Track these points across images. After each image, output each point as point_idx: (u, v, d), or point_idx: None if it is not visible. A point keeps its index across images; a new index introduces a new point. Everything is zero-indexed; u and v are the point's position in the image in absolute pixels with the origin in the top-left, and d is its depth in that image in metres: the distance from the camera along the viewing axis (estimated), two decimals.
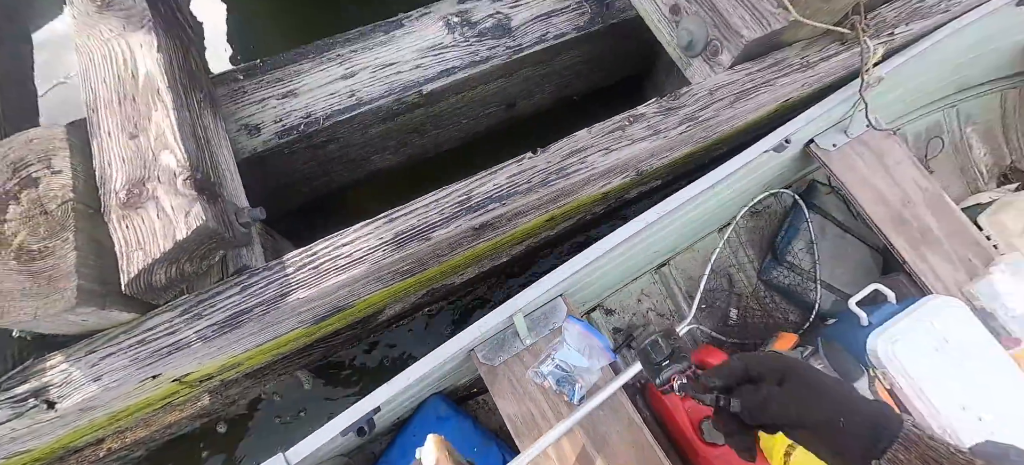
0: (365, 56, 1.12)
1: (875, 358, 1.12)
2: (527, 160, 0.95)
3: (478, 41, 1.16)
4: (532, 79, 1.28)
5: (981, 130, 1.70)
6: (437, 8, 1.18)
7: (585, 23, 1.20)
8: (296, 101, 1.08)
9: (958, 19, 1.19)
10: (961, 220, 1.28)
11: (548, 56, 1.21)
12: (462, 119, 1.31)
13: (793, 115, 1.09)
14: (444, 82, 1.13)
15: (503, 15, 1.19)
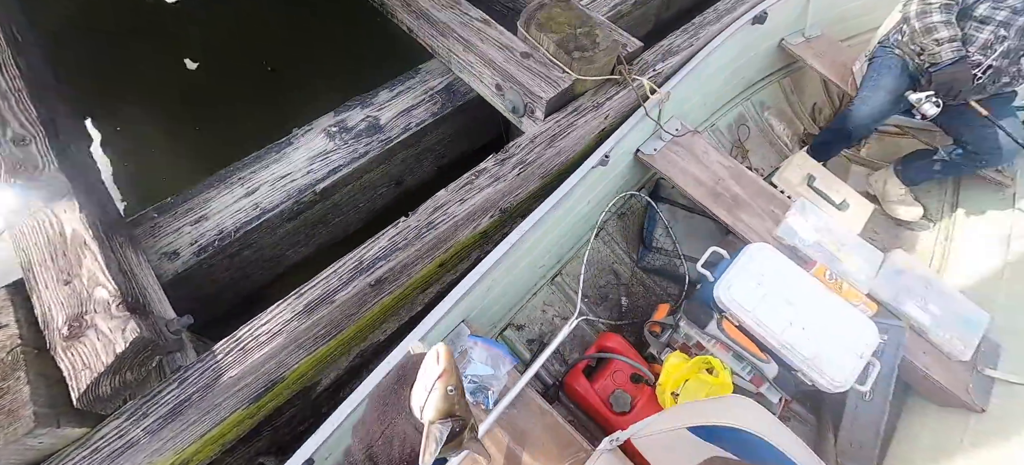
0: (263, 173, 1.37)
1: (720, 303, 1.41)
2: (402, 222, 1.21)
3: (355, 141, 1.44)
4: (409, 159, 1.58)
5: (775, 111, 2.19)
6: (318, 123, 1.47)
7: (439, 109, 1.53)
8: (208, 223, 1.29)
9: (707, 45, 1.64)
10: (759, 183, 1.66)
11: (415, 140, 1.52)
12: (359, 203, 1.56)
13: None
14: (334, 178, 1.39)
15: (373, 117, 1.49)
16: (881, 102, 1.67)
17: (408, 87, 1.56)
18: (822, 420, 1.56)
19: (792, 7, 1.90)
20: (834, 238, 1.53)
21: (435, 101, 1.54)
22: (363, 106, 1.51)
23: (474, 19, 1.45)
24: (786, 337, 1.31)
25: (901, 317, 1.44)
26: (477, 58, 1.42)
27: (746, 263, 1.40)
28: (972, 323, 1.42)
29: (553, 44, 1.33)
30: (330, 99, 1.55)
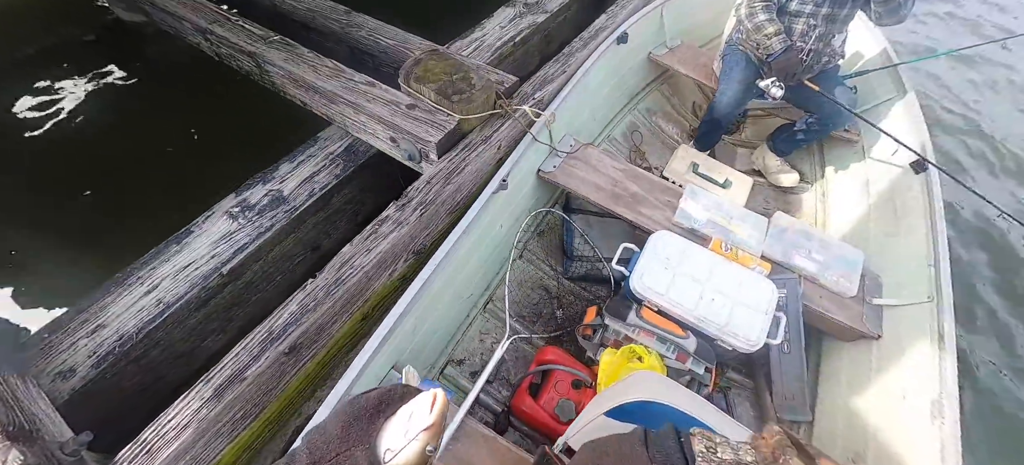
0: (164, 268, 1.34)
1: (636, 293, 1.49)
2: (310, 284, 1.22)
3: (259, 217, 1.46)
4: (320, 223, 1.60)
5: (661, 115, 2.43)
6: (219, 206, 1.48)
7: (342, 171, 1.58)
8: (106, 331, 1.24)
9: (580, 69, 1.82)
10: (653, 179, 1.81)
11: (323, 204, 1.55)
12: (275, 276, 1.55)
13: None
14: (241, 257, 1.39)
15: (275, 190, 1.52)
16: (736, 92, 1.91)
17: (309, 155, 1.61)
18: (758, 382, 1.64)
19: (649, 24, 2.16)
20: (724, 213, 1.69)
21: (337, 164, 1.60)
22: (265, 181, 1.54)
23: (359, 83, 1.55)
24: (699, 311, 1.41)
25: (793, 270, 1.58)
26: (368, 117, 1.50)
27: (652, 252, 1.51)
28: (851, 262, 1.59)
29: (433, 92, 1.44)
30: (233, 183, 1.57)
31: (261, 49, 1.70)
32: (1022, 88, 3.80)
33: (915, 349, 1.36)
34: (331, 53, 1.74)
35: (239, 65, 1.79)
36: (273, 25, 1.90)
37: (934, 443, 1.16)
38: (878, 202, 1.81)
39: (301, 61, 1.64)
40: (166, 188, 2.19)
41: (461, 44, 2.04)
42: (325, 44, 2.02)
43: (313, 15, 2.01)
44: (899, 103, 1.95)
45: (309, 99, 1.68)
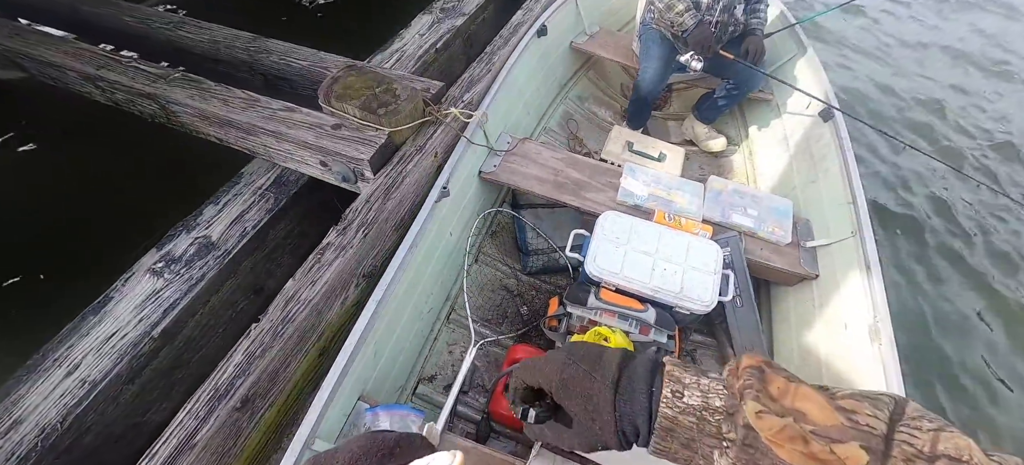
0: (83, 343, 1.21)
1: (592, 276, 1.51)
2: (254, 329, 1.14)
3: (188, 268, 1.34)
4: (259, 263, 1.51)
5: (592, 100, 2.49)
6: (139, 265, 1.35)
7: (274, 204, 1.49)
8: (25, 425, 1.09)
9: (505, 66, 1.83)
10: (592, 163, 1.85)
11: (258, 242, 1.46)
12: (217, 328, 1.44)
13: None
14: (173, 315, 1.27)
15: (202, 237, 1.41)
16: (658, 69, 1.99)
17: (234, 194, 1.50)
18: (719, 339, 1.72)
19: (566, 15, 2.21)
20: (662, 186, 1.75)
21: (267, 198, 1.50)
22: (189, 230, 1.42)
23: (277, 110, 1.47)
24: (654, 282, 1.45)
25: (732, 228, 1.67)
26: (293, 144, 1.42)
27: (602, 233, 1.53)
28: (782, 212, 1.70)
29: (357, 108, 1.39)
30: (152, 238, 1.44)
31: (162, 89, 1.57)
32: (904, 31, 4.25)
33: (848, 282, 1.47)
34: (243, 83, 1.63)
35: (141, 109, 1.65)
36: (172, 62, 1.77)
37: (876, 363, 1.26)
38: (797, 152, 1.95)
39: (210, 95, 1.53)
40: (76, 256, 1.98)
41: (382, 57, 1.99)
42: (235, 75, 1.90)
43: (216, 47, 1.89)
44: (802, 59, 2.11)
45: (225, 135, 1.57)
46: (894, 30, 4.29)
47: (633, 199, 1.72)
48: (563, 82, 2.38)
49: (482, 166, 1.72)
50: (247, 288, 1.50)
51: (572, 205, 1.73)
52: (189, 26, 1.93)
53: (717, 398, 0.41)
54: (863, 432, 0.33)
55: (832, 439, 0.33)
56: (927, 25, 4.43)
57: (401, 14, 2.25)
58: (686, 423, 0.41)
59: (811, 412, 0.35)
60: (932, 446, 0.32)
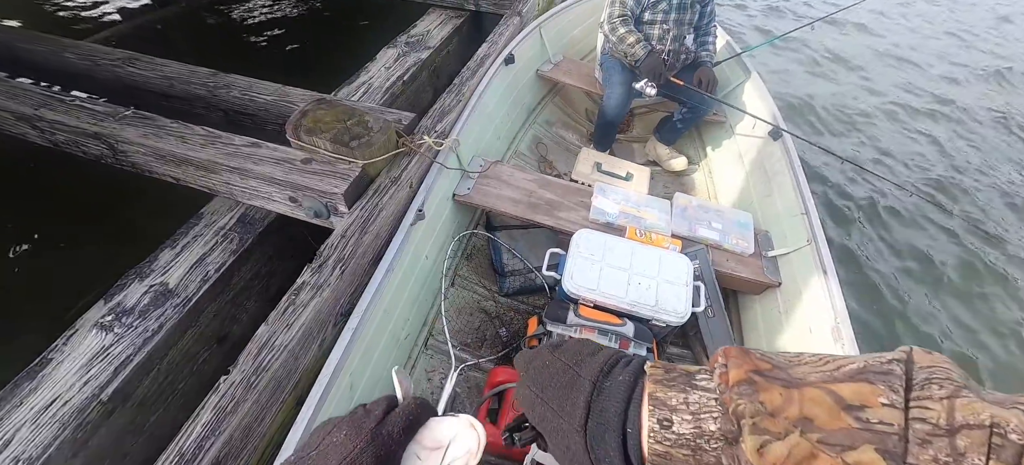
0: (17, 414, 1.07)
1: (570, 293, 1.52)
2: (223, 382, 1.05)
3: (142, 320, 1.23)
4: (224, 309, 1.41)
5: (560, 124, 2.57)
6: (84, 320, 1.22)
7: (238, 245, 1.41)
8: None
9: (475, 94, 1.86)
10: (563, 183, 1.88)
11: (222, 287, 1.37)
12: (178, 384, 1.32)
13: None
14: (125, 374, 1.16)
15: (158, 285, 1.30)
16: (620, 94, 2.09)
17: (194, 236, 1.41)
18: (694, 350, 1.76)
19: (532, 45, 2.29)
20: (632, 204, 1.81)
21: (230, 238, 1.42)
22: (142, 277, 1.31)
23: (241, 146, 1.41)
24: (630, 297, 1.48)
25: (699, 241, 1.74)
26: (259, 181, 1.36)
27: (577, 251, 1.55)
28: (744, 224, 1.80)
29: (328, 142, 1.36)
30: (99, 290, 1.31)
31: (111, 128, 1.46)
32: (834, 58, 4.70)
33: (808, 287, 1.56)
34: (201, 120, 1.56)
35: (85, 150, 1.53)
36: (121, 100, 1.66)
37: None
38: (752, 169, 2.08)
39: (165, 133, 1.45)
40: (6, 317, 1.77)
41: (348, 90, 1.97)
42: (192, 111, 1.81)
43: (170, 83, 1.80)
44: (748, 84, 2.27)
45: (182, 174, 1.48)
46: (832, 49, 4.75)
47: (605, 217, 1.76)
48: (531, 108, 2.44)
49: (456, 189, 1.72)
50: (210, 337, 1.39)
51: (546, 225, 1.75)
52: (140, 62, 1.83)
53: (710, 420, 0.35)
54: (877, 433, 0.29)
55: (843, 446, 0.29)
56: (858, 44, 4.96)
57: (358, 49, 2.24)
58: (680, 456, 0.35)
59: (818, 417, 0.31)
60: (948, 417, 0.27)
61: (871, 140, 3.65)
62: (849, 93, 4.21)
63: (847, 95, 4.17)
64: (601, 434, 0.38)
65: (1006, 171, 3.55)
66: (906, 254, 2.75)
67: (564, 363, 0.43)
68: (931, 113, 4.11)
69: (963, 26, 5.69)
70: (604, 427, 0.38)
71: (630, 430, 0.37)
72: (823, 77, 4.38)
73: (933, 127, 3.94)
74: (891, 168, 3.40)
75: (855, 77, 4.46)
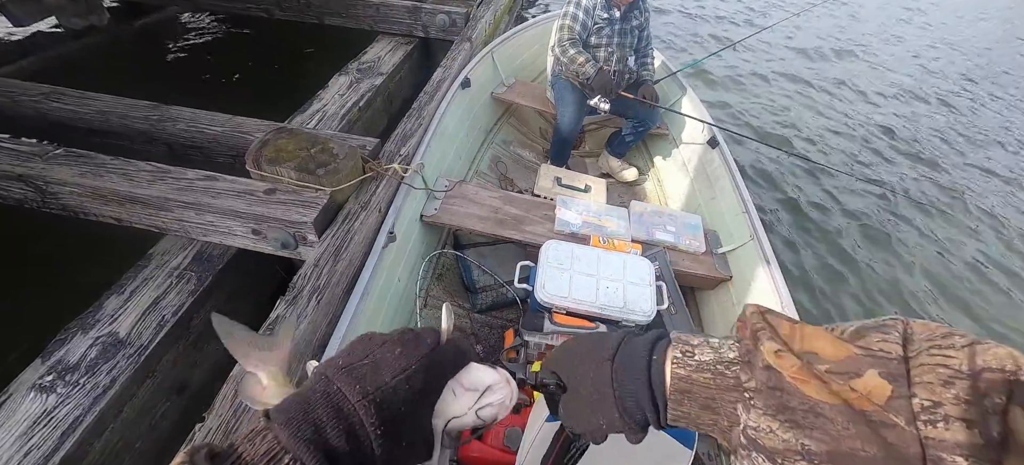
0: None
1: (544, 303, 1.56)
2: (198, 432, 0.98)
3: (90, 376, 1.12)
4: (184, 356, 1.31)
5: (517, 143, 2.65)
6: (18, 382, 1.09)
7: (197, 285, 1.33)
8: None
9: (434, 117, 1.90)
10: (526, 199, 1.94)
11: (180, 331, 1.28)
12: (135, 444, 1.20)
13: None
14: (74, 439, 1.04)
15: (107, 335, 1.20)
16: (573, 112, 2.21)
17: (144, 279, 1.31)
18: None
19: (486, 69, 2.37)
20: (593, 214, 1.91)
21: (187, 278, 1.33)
22: (86, 329, 1.20)
23: (194, 180, 1.34)
24: (600, 301, 1.55)
25: (657, 244, 1.87)
26: (217, 215, 1.30)
27: (547, 261, 1.61)
28: (694, 226, 1.95)
29: (293, 171, 1.33)
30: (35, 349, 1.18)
31: (38, 168, 1.34)
32: (760, 71, 5.22)
33: (755, 278, 1.72)
34: (143, 156, 1.46)
35: (7, 194, 1.38)
36: (48, 139, 1.53)
37: None
38: (696, 175, 2.27)
39: (106, 171, 1.34)
40: None
41: (302, 118, 1.93)
42: (132, 147, 1.69)
43: (105, 118, 1.67)
44: (685, 99, 2.49)
45: (126, 214, 1.38)
46: (756, 66, 5.28)
47: (569, 227, 1.84)
48: (488, 129, 2.51)
49: (423, 210, 1.73)
50: (169, 388, 1.28)
51: (514, 239, 1.80)
52: (68, 97, 1.68)
53: (730, 351, 0.38)
54: (879, 358, 0.31)
55: (849, 374, 0.31)
56: (775, 58, 5.55)
57: (305, 78, 2.22)
58: (702, 380, 0.38)
59: (823, 350, 0.33)
60: (970, 362, 0.28)
61: (797, 133, 4.10)
62: (774, 96, 4.71)
63: (772, 98, 4.66)
64: (628, 360, 0.42)
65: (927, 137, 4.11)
66: (839, 233, 3.08)
67: (596, 335, 0.49)
68: (843, 99, 4.70)
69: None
70: (631, 355, 0.43)
71: (655, 357, 0.41)
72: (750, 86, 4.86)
73: (849, 109, 4.51)
74: (819, 153, 3.83)
75: (780, 83, 5.01)
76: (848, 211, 3.30)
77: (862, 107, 4.84)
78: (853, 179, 3.46)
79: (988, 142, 4.73)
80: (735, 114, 4.29)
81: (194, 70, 3.37)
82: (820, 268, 2.82)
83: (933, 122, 4.91)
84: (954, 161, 4.24)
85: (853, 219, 3.25)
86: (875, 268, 2.90)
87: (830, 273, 2.79)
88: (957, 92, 5.67)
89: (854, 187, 3.49)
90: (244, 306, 1.49)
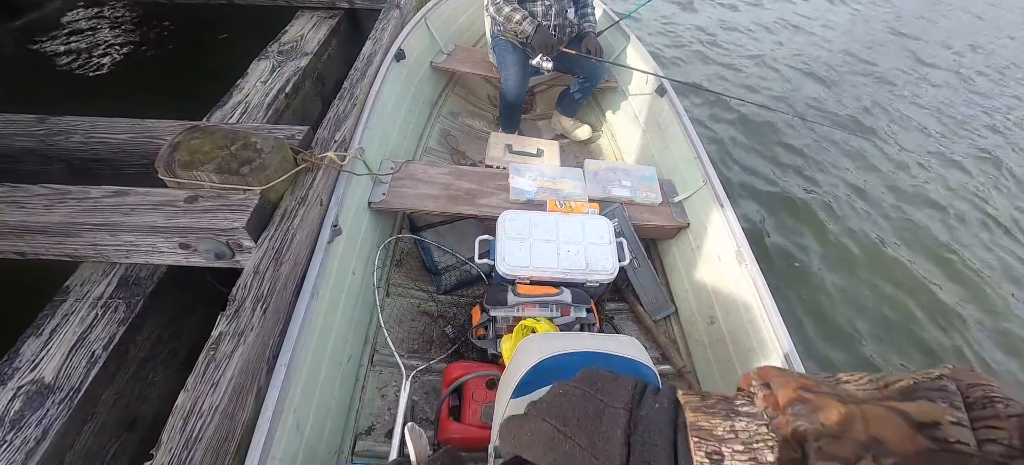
0: None
1: (506, 275, 1.54)
2: None
3: (17, 430, 1.01)
4: (124, 389, 1.21)
5: (465, 113, 2.56)
6: None
7: (126, 313, 1.21)
8: None
9: (369, 96, 1.78)
10: (478, 171, 1.88)
11: (115, 365, 1.17)
12: None
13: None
14: None
15: (30, 382, 1.08)
16: (517, 74, 2.13)
17: (64, 315, 1.18)
18: (629, 301, 1.89)
19: (420, 38, 2.23)
20: (548, 178, 1.87)
21: (114, 306, 1.21)
22: (2, 380, 1.07)
23: (102, 198, 1.20)
24: (562, 266, 1.54)
25: (614, 200, 1.86)
26: (136, 234, 1.18)
27: (505, 233, 1.58)
28: (649, 178, 1.95)
29: (214, 174, 1.21)
30: None
31: None
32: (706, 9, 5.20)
33: (711, 222, 1.75)
34: (36, 177, 1.30)
35: None
36: None
37: (747, 280, 1.53)
38: (647, 126, 2.26)
39: None
40: None
41: (222, 113, 1.76)
42: (20, 169, 1.50)
43: None
44: (630, 48, 2.44)
45: (28, 246, 1.23)
46: (693, 17, 5.25)
47: (525, 195, 1.80)
48: (433, 101, 2.39)
49: (370, 197, 1.65)
50: (115, 426, 1.18)
51: (470, 215, 1.75)
52: None
53: (766, 450, 0.30)
54: (956, 455, 0.26)
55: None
56: (724, 4, 5.55)
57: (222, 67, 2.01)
58: None
59: (889, 439, 0.27)
60: (1021, 437, 0.25)
61: (738, 78, 4.16)
62: (718, 41, 4.73)
63: (717, 46, 4.69)
64: (650, 420, 0.34)
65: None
66: (785, 172, 3.20)
67: (584, 392, 0.38)
68: (777, 43, 4.79)
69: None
70: (652, 419, 0.34)
71: (681, 462, 0.32)
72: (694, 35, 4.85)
73: (782, 53, 4.61)
74: (761, 94, 3.91)
75: (726, 30, 5.03)
76: (787, 146, 3.43)
77: (795, 41, 4.96)
78: (788, 117, 3.58)
79: (898, 73, 4.98)
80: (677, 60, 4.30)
81: (90, 72, 3.01)
82: (772, 206, 2.93)
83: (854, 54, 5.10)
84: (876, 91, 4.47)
85: (795, 154, 3.38)
86: (818, 189, 3.05)
87: (779, 211, 2.90)
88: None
89: (793, 125, 3.61)
90: (191, 324, 1.39)
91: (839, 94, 4.17)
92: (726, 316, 1.59)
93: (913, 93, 4.41)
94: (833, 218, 2.89)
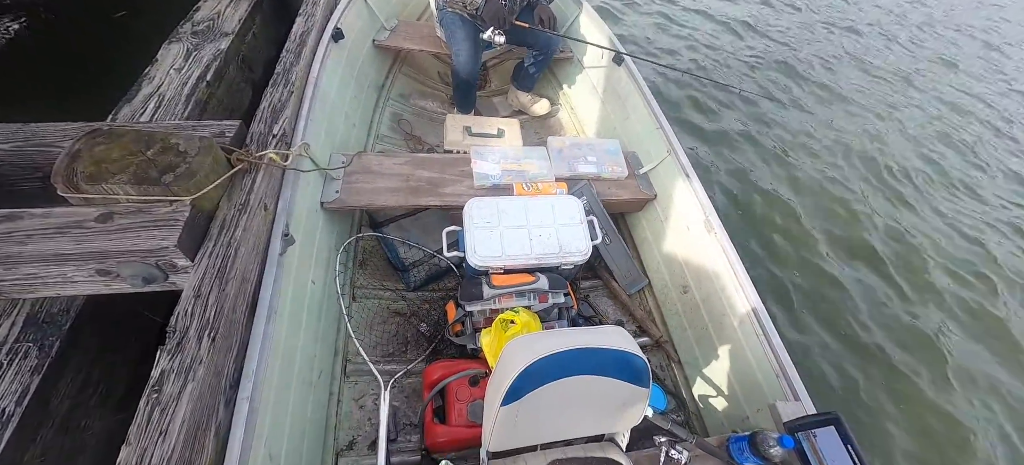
0: None
1: (477, 267, 1.46)
2: None
3: None
4: (53, 446, 1.02)
5: (417, 95, 2.40)
6: None
7: (38, 358, 1.01)
8: None
9: (308, 83, 1.60)
10: (438, 158, 1.77)
11: (39, 416, 0.98)
12: None
13: None
14: None
15: None
16: (468, 49, 1.99)
17: None
18: (604, 278, 1.87)
19: (359, 13, 2.04)
20: (511, 159, 1.79)
21: (24, 352, 1.02)
22: None
23: None
24: (535, 251, 1.49)
25: (581, 178, 1.82)
26: (39, 264, 0.98)
27: (472, 223, 1.50)
28: (613, 151, 1.92)
29: (130, 185, 1.03)
30: None
31: None
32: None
33: (677, 192, 1.75)
34: None
35: None
36: None
37: (716, 247, 1.54)
38: (607, 97, 2.21)
39: None
40: None
41: (131, 109, 1.51)
42: None
43: None
44: (583, 16, 2.36)
45: None
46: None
47: (490, 180, 1.72)
48: (380, 84, 2.21)
49: (322, 196, 1.50)
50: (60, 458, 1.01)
51: (433, 206, 1.65)
52: None
53: None
54: None
55: None
56: None
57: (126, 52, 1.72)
58: None
59: None
60: None
61: (692, 48, 4.21)
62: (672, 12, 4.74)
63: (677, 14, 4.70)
64: None
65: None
66: (744, 140, 3.29)
67: None
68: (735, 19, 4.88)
69: None
70: None
71: None
72: None
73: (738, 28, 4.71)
74: (715, 69, 3.98)
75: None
76: (739, 116, 3.53)
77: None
78: (738, 86, 3.68)
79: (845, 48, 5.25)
80: (630, 28, 4.28)
81: None
82: (734, 173, 3.00)
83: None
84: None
85: (750, 122, 3.49)
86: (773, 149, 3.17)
87: (743, 178, 2.98)
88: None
89: (745, 94, 3.71)
90: (117, 365, 1.20)
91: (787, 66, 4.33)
92: (698, 284, 1.61)
93: (829, 65, 4.68)
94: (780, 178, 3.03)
